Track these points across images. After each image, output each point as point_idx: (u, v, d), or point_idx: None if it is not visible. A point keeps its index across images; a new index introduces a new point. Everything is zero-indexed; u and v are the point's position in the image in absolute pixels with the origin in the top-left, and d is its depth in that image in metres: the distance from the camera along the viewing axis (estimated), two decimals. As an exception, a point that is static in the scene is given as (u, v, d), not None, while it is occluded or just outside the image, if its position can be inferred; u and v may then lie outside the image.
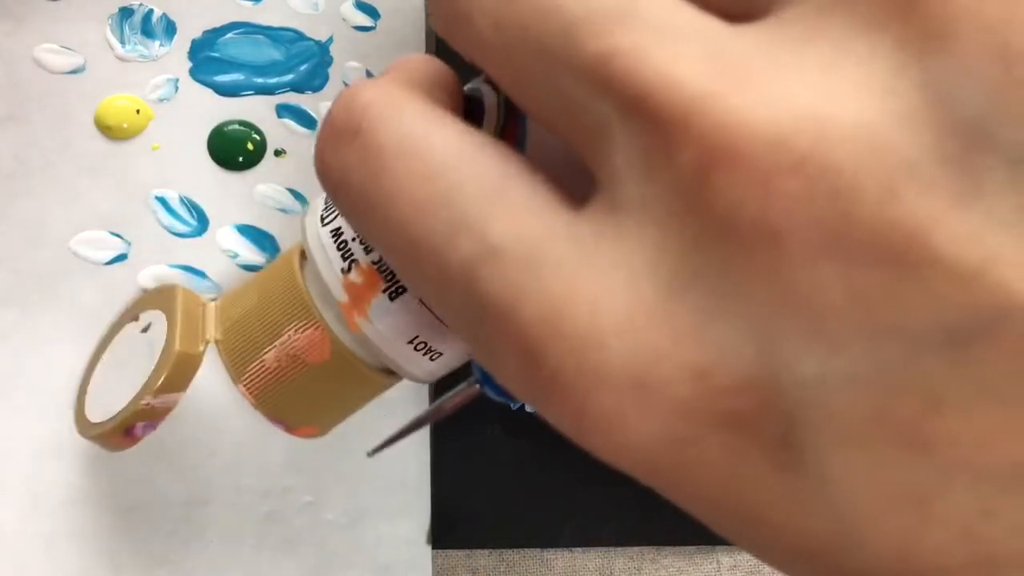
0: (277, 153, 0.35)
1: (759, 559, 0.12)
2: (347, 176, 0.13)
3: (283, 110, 0.36)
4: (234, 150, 0.35)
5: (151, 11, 0.36)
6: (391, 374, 0.21)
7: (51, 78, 0.35)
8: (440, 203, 0.12)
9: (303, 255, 0.21)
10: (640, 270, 0.11)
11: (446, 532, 0.33)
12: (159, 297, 0.29)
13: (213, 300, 0.25)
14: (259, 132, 0.35)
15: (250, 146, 0.35)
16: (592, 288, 0.11)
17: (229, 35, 0.36)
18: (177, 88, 0.36)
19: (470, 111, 0.16)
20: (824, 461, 0.10)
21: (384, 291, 0.19)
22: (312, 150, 0.14)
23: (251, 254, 0.34)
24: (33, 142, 0.35)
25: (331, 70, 0.36)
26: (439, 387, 0.34)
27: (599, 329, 0.11)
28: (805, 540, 0.11)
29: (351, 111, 0.13)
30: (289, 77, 0.36)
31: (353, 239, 0.19)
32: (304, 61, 0.36)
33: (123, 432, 0.26)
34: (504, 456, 0.33)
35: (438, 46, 0.37)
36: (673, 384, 0.10)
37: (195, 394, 0.33)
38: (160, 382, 0.25)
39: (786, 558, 0.11)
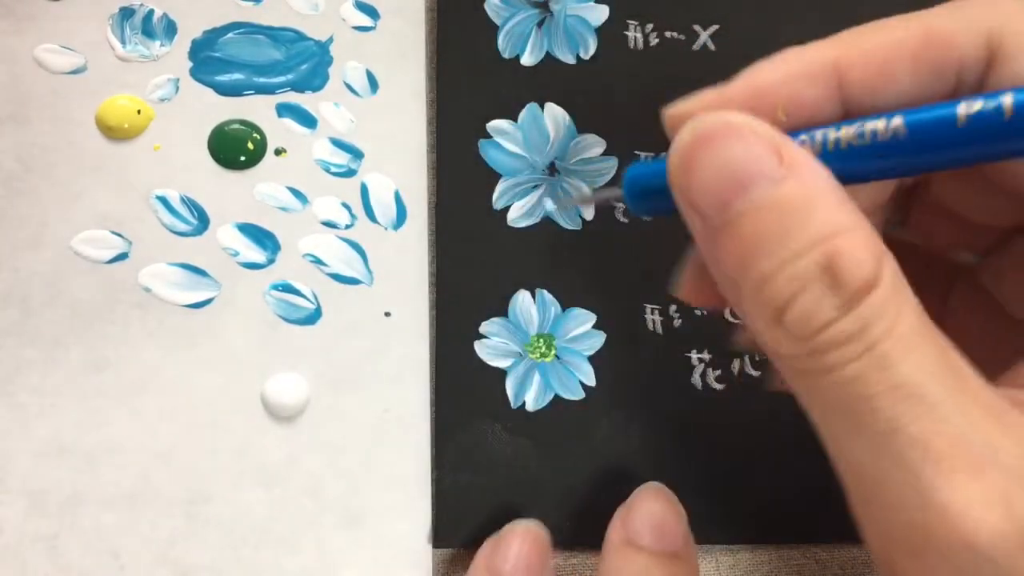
0: (277, 152, 0.35)
1: None
2: None
3: (283, 110, 0.36)
4: (235, 149, 0.35)
5: (152, 11, 0.36)
6: None
7: (52, 78, 0.35)
8: None
9: None
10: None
11: (446, 531, 0.33)
12: None
13: None
14: (259, 131, 0.35)
15: (250, 145, 0.35)
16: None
17: (229, 35, 0.36)
18: (178, 88, 0.36)
19: None
20: None
21: None
22: (311, 149, 0.14)
23: (252, 253, 0.34)
24: (34, 142, 0.35)
25: (331, 70, 0.36)
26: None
27: None
28: None
29: None
30: (289, 77, 0.36)
31: None
32: (304, 61, 0.36)
33: None
34: (504, 456, 0.33)
35: (438, 47, 0.37)
36: None
37: (196, 393, 0.34)
38: None
39: None
